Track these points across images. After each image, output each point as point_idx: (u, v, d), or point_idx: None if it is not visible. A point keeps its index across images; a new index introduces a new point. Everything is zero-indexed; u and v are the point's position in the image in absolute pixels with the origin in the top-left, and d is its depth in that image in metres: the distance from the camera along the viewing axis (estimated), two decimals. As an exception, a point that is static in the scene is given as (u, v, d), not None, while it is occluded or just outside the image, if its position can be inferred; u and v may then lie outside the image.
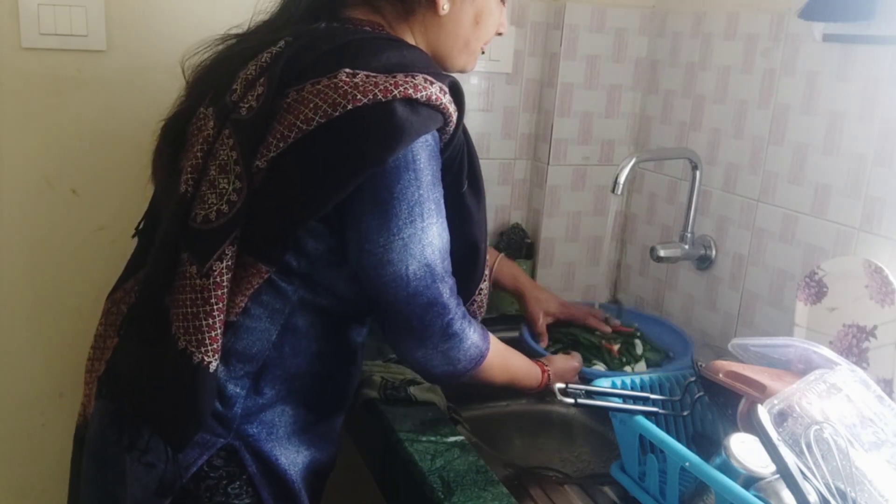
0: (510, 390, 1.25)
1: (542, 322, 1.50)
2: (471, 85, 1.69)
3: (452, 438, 1.20)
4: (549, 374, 1.26)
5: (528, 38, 1.71)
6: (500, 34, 1.19)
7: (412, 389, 1.31)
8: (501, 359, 1.17)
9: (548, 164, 1.74)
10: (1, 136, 1.41)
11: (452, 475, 1.10)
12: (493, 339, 1.14)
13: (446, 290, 1.04)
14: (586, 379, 1.35)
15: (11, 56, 1.38)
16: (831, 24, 1.28)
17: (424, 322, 1.03)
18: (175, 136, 1.10)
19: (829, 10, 1.26)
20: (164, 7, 1.44)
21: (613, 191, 1.37)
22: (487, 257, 1.50)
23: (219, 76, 1.08)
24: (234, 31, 1.14)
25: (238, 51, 1.09)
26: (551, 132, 1.72)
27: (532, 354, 1.31)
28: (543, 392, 1.27)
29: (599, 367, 1.43)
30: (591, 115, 1.74)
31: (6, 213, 1.45)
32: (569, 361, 1.33)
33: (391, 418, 1.25)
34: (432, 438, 1.20)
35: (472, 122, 1.71)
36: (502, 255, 1.55)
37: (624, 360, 1.46)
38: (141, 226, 1.18)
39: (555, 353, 1.41)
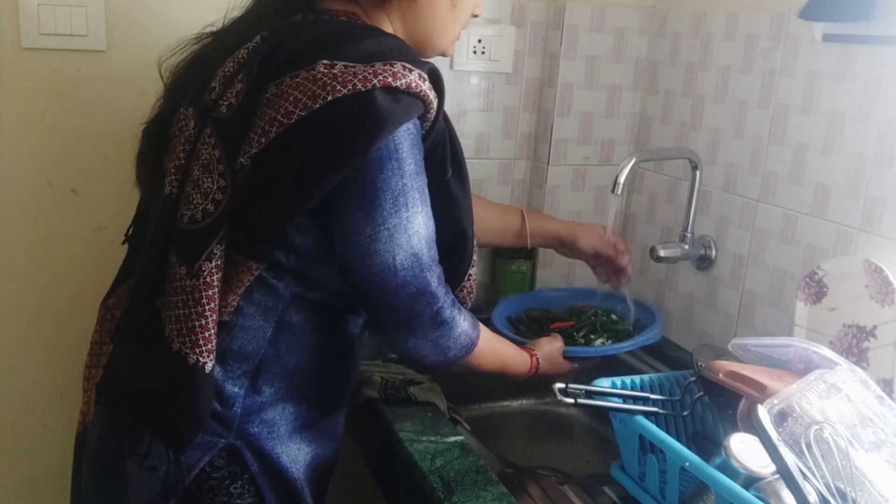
0: (501, 378, 1.24)
1: (611, 248, 1.48)
2: (471, 85, 1.69)
3: (452, 438, 1.20)
4: (537, 359, 1.26)
5: (528, 38, 1.71)
6: (475, 16, 1.18)
7: (412, 389, 1.31)
8: (491, 346, 1.17)
9: (548, 164, 1.74)
10: (1, 136, 1.41)
11: (452, 475, 1.10)
12: (482, 327, 1.14)
13: (434, 278, 1.04)
14: (573, 359, 1.35)
15: (11, 56, 1.38)
16: (831, 24, 1.28)
17: (413, 312, 1.03)
18: (156, 139, 1.09)
19: (829, 10, 1.26)
20: (164, 7, 1.44)
21: (613, 191, 1.37)
22: (517, 219, 1.48)
23: (196, 75, 1.07)
24: (208, 30, 1.14)
25: (214, 48, 1.08)
26: (551, 132, 1.72)
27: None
28: (533, 379, 1.27)
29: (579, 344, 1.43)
30: (591, 115, 1.74)
31: (6, 213, 1.45)
32: (553, 342, 1.33)
33: (391, 418, 1.25)
34: (432, 438, 1.20)
35: (473, 122, 1.72)
36: (522, 210, 1.52)
37: (592, 336, 1.46)
38: (130, 232, 1.17)
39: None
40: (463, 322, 1.09)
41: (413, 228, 1.00)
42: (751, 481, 0.95)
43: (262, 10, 1.10)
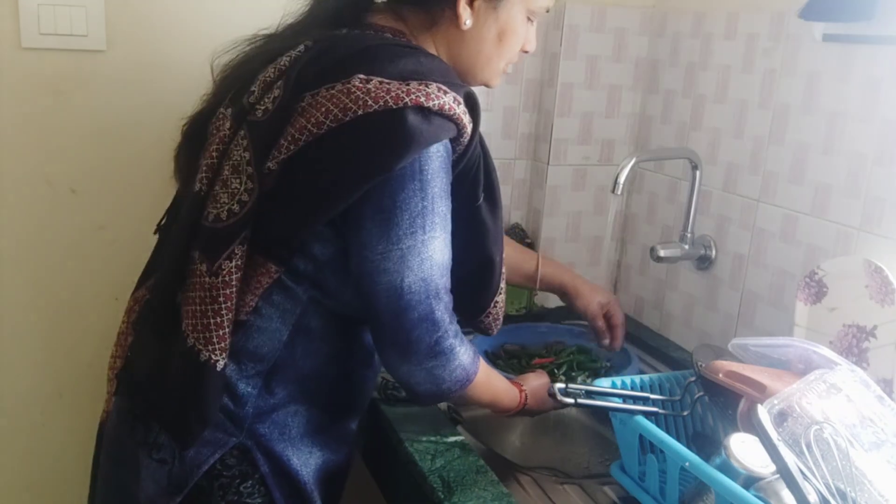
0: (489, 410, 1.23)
1: (599, 316, 1.45)
2: (471, 85, 1.69)
3: (452, 438, 1.20)
4: (525, 394, 1.23)
5: (528, 38, 1.71)
6: (526, 52, 1.16)
7: (412, 389, 1.31)
8: (487, 379, 1.15)
9: (548, 164, 1.74)
10: (1, 136, 1.41)
11: (452, 475, 1.10)
12: (481, 360, 1.13)
13: (440, 306, 1.02)
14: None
15: (11, 56, 1.38)
16: (831, 24, 1.28)
17: (412, 337, 1.01)
18: (196, 135, 1.11)
19: (829, 10, 1.26)
20: (163, 7, 1.44)
21: (613, 191, 1.37)
22: (532, 261, 1.47)
23: (240, 77, 1.08)
24: (262, 33, 1.14)
25: (260, 53, 1.09)
26: (551, 132, 1.72)
27: None
28: (518, 415, 1.24)
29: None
30: (591, 115, 1.74)
31: (6, 213, 1.45)
32: (539, 378, 1.29)
33: (391, 418, 1.25)
34: (432, 438, 1.20)
35: (472, 122, 1.71)
36: (540, 255, 1.50)
37: (573, 373, 1.49)
38: (163, 222, 1.18)
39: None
40: (462, 355, 1.07)
41: (427, 253, 0.99)
42: (751, 481, 0.95)
43: (311, 19, 1.11)
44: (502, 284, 1.18)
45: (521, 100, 1.75)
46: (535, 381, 1.28)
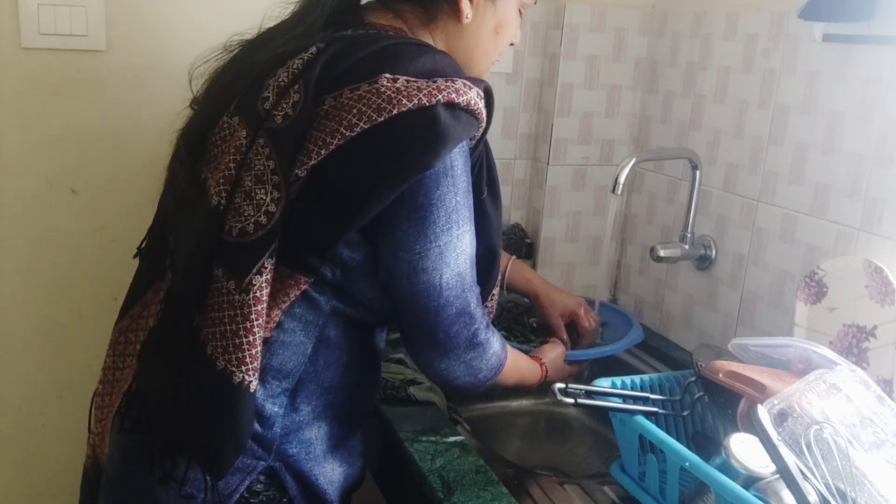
0: (514, 391, 1.25)
1: (561, 327, 1.45)
2: (471, 85, 1.69)
3: (452, 438, 1.20)
4: (546, 367, 1.27)
5: (528, 38, 1.71)
6: (512, 44, 1.17)
7: (412, 389, 1.31)
8: (514, 362, 1.16)
9: (548, 164, 1.74)
10: (1, 136, 1.41)
11: (452, 475, 1.10)
12: (507, 344, 1.14)
13: (474, 299, 1.03)
14: (572, 363, 1.37)
15: (11, 56, 1.38)
16: (831, 24, 1.28)
17: (451, 333, 1.02)
18: (196, 145, 1.06)
19: (829, 10, 1.26)
20: (163, 7, 1.44)
21: (613, 191, 1.38)
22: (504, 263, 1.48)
23: (243, 84, 1.04)
24: (237, 39, 1.10)
25: (266, 58, 1.04)
26: (551, 132, 1.72)
27: None
28: (542, 387, 1.27)
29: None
30: (591, 115, 1.74)
31: (6, 213, 1.45)
32: (555, 349, 1.33)
33: (391, 418, 1.25)
34: (432, 438, 1.20)
35: (472, 122, 1.71)
36: (513, 257, 1.53)
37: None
38: (144, 245, 1.14)
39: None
40: (495, 343, 1.09)
41: (461, 247, 1.00)
42: (751, 481, 0.95)
43: (309, 21, 1.07)
44: (499, 278, 1.19)
45: (521, 100, 1.75)
46: (552, 353, 1.31)
